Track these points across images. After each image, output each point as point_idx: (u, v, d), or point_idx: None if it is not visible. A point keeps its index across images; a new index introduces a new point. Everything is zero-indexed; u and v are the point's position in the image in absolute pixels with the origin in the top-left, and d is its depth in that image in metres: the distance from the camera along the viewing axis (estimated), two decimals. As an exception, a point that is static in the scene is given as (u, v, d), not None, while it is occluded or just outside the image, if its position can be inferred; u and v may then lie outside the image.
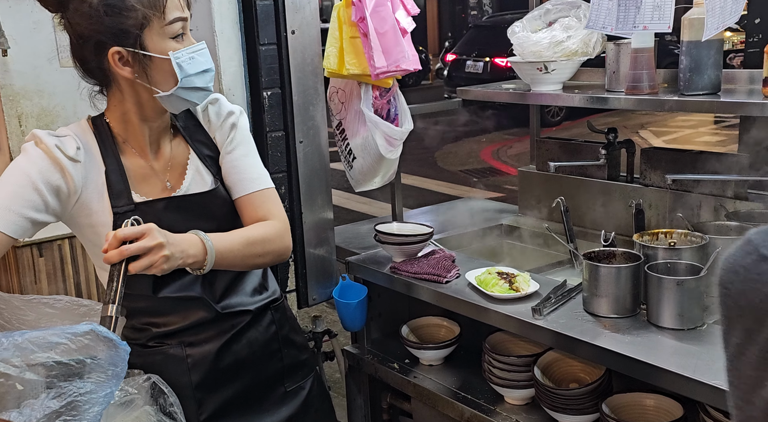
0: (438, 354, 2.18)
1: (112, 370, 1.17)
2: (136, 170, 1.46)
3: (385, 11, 2.21)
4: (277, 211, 1.53)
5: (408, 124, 2.35)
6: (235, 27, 2.14)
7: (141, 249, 1.24)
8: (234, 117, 1.55)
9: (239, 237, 1.44)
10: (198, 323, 1.52)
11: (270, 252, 1.49)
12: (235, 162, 1.53)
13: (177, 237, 1.32)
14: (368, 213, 6.22)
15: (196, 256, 1.35)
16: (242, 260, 1.46)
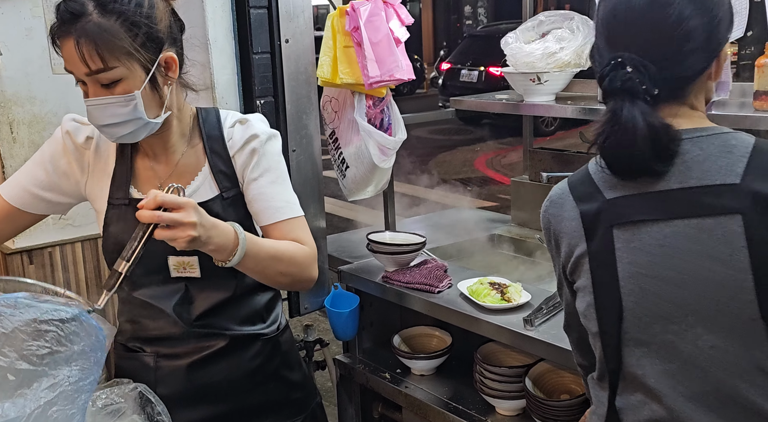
0: (429, 364, 2.18)
1: (94, 357, 1.17)
2: (142, 170, 1.51)
3: (379, 21, 2.22)
4: (308, 239, 1.48)
5: (401, 133, 2.35)
6: (229, 35, 2.14)
7: (173, 221, 1.22)
8: (257, 141, 1.48)
9: (269, 247, 1.40)
10: (169, 336, 1.50)
11: (292, 274, 1.44)
12: (262, 189, 1.47)
13: (210, 222, 1.29)
14: (361, 222, 6.21)
15: (222, 247, 1.31)
16: (263, 270, 1.41)
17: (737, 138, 1.09)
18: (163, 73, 1.38)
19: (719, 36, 1.11)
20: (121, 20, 1.30)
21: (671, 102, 1.12)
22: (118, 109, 1.33)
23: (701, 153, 1.08)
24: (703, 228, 1.06)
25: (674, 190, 1.09)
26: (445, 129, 10.69)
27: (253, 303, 1.56)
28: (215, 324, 1.51)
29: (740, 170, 1.05)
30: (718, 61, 1.13)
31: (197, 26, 2.12)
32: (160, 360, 1.51)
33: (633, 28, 1.11)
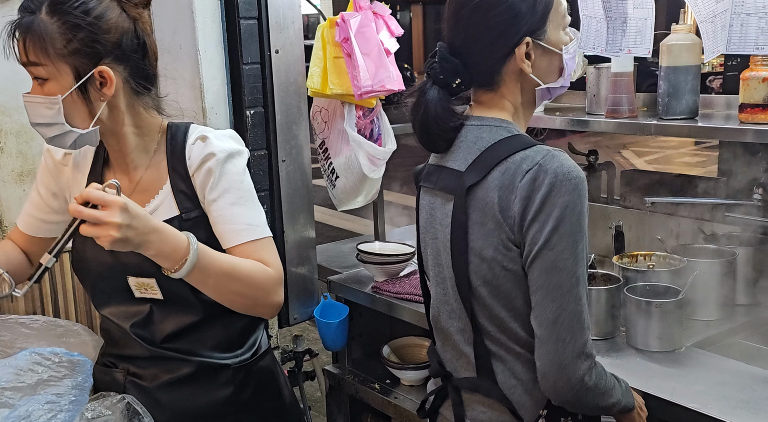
0: (419, 375, 2.18)
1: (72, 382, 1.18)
2: None
3: (369, 32, 2.23)
4: (274, 261, 1.40)
5: (391, 143, 2.36)
6: (219, 46, 2.14)
7: (93, 219, 1.18)
8: (214, 160, 1.41)
9: (224, 262, 1.34)
10: (137, 356, 1.48)
11: (251, 297, 1.37)
12: (222, 211, 1.41)
13: (149, 226, 1.23)
14: (351, 230, 6.22)
15: (165, 254, 1.25)
16: (217, 287, 1.34)
17: (492, 132, 1.24)
18: (97, 86, 1.34)
19: (517, 28, 1.22)
20: (62, 22, 1.30)
21: (481, 89, 1.29)
22: (42, 109, 1.34)
23: (465, 140, 1.27)
24: (439, 203, 1.30)
25: (443, 166, 1.30)
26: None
27: (226, 328, 1.50)
28: (182, 348, 1.47)
29: (470, 160, 1.24)
30: (520, 53, 1.23)
31: (187, 36, 2.12)
32: (130, 378, 1.48)
33: (452, 20, 1.26)
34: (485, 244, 1.20)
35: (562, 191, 1.13)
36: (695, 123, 1.93)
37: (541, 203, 1.14)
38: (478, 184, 1.21)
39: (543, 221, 1.14)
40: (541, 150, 1.18)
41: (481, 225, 1.20)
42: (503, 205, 1.17)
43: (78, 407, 1.13)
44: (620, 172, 2.49)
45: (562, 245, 1.13)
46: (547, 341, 1.16)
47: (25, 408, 1.08)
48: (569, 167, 1.15)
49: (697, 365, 1.62)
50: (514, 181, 1.17)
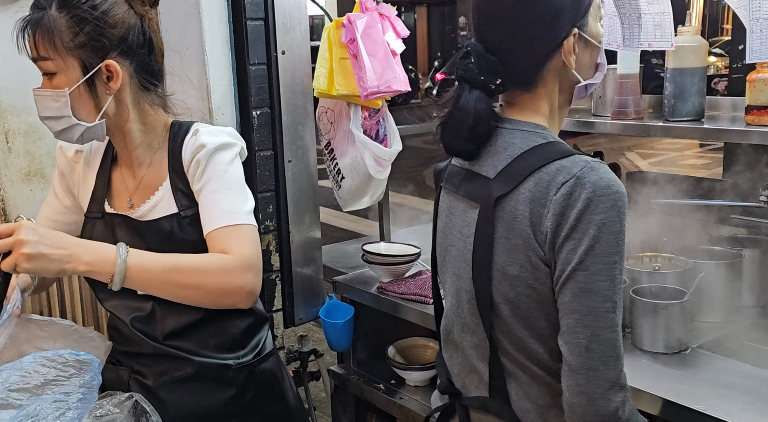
0: (424, 376, 2.18)
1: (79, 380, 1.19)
2: (116, 183, 1.52)
3: (375, 33, 2.24)
4: (238, 248, 1.34)
5: (397, 144, 2.36)
6: (226, 47, 2.15)
7: (3, 247, 1.21)
8: (203, 152, 1.42)
9: (165, 261, 1.31)
10: (140, 353, 1.49)
11: (201, 286, 1.32)
12: (205, 199, 1.41)
13: (68, 241, 1.25)
14: (356, 231, 6.22)
15: (94, 266, 1.26)
16: (162, 286, 1.32)
17: (525, 137, 1.16)
18: (104, 80, 1.37)
19: (560, 25, 1.14)
20: (69, 16, 1.34)
21: (516, 90, 1.19)
22: (50, 102, 1.37)
23: (495, 144, 1.18)
24: (459, 209, 1.24)
25: (469, 170, 1.23)
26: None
27: (228, 328, 1.50)
28: (184, 347, 1.47)
29: (500, 168, 1.15)
30: (565, 50, 1.16)
31: (194, 37, 2.13)
32: (134, 376, 1.50)
33: (483, 18, 1.18)
34: (510, 261, 1.12)
35: (600, 208, 1.04)
36: (701, 125, 1.93)
37: (576, 220, 1.05)
38: (507, 195, 1.12)
39: (577, 239, 1.05)
40: (579, 160, 1.09)
41: (507, 239, 1.12)
42: (534, 219, 1.09)
43: (86, 405, 1.14)
44: (626, 174, 2.49)
45: (597, 266, 1.04)
46: (577, 370, 1.06)
47: (33, 407, 1.09)
48: (609, 181, 1.06)
49: (703, 367, 1.62)
50: (548, 194, 1.07)
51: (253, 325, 1.56)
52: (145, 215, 1.46)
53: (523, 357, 1.17)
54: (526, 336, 1.15)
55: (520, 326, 1.15)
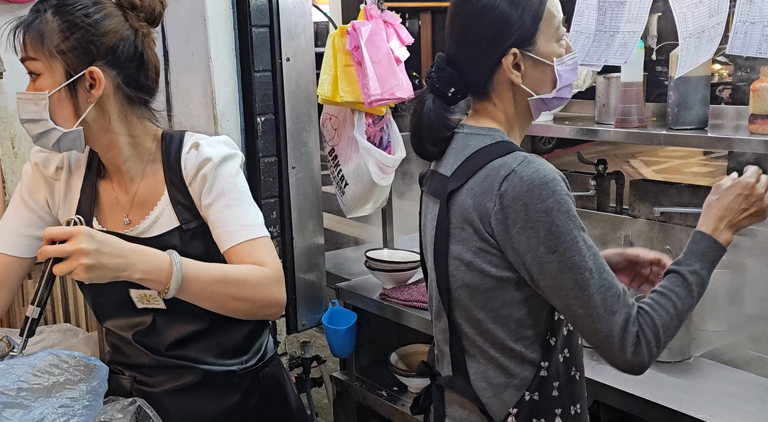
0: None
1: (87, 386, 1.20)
2: (105, 198, 1.48)
3: (379, 40, 2.25)
4: (270, 260, 1.36)
5: (400, 151, 2.37)
6: (231, 53, 2.16)
7: (60, 253, 1.15)
8: (209, 166, 1.40)
9: (215, 271, 1.30)
10: (143, 364, 1.48)
11: (249, 299, 1.32)
12: (218, 214, 1.39)
13: (126, 249, 1.21)
14: (359, 237, 6.22)
15: (150, 274, 1.22)
16: (212, 297, 1.31)
17: (479, 140, 1.27)
18: (86, 87, 1.35)
19: (504, 38, 1.24)
20: (62, 20, 1.34)
21: (476, 98, 1.31)
22: (30, 105, 1.36)
23: (455, 147, 1.30)
24: (429, 207, 1.34)
25: (435, 171, 1.33)
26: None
27: (230, 335, 1.50)
28: (187, 356, 1.46)
29: (455, 166, 1.26)
30: (507, 64, 1.24)
31: (199, 44, 2.14)
32: (136, 385, 1.49)
33: (447, 30, 1.30)
34: (464, 248, 1.23)
35: (542, 196, 1.14)
36: (705, 133, 1.94)
37: (524, 212, 1.14)
38: (459, 190, 1.23)
39: (533, 228, 1.14)
40: (518, 156, 1.19)
41: (461, 229, 1.23)
42: (482, 211, 1.19)
43: (91, 412, 1.14)
44: (629, 182, 2.49)
45: (563, 246, 1.14)
46: (588, 334, 1.16)
47: (39, 411, 1.09)
48: (544, 171, 1.15)
49: (706, 375, 1.62)
50: (492, 188, 1.18)
51: (255, 330, 1.55)
52: (145, 231, 1.43)
53: (481, 339, 1.27)
54: (484, 318, 1.25)
55: (478, 308, 1.25)
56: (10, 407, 1.10)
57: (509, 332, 1.24)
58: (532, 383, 1.25)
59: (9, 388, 1.12)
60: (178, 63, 2.22)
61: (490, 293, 1.23)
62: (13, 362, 1.18)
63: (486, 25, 1.23)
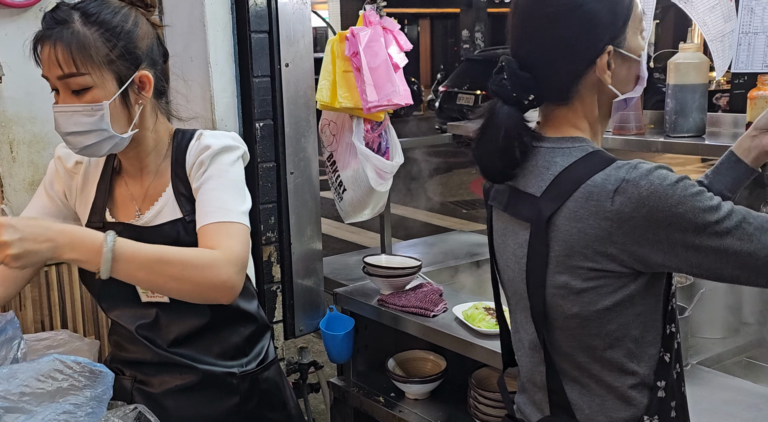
0: (424, 389, 2.18)
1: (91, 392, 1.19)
2: (119, 193, 1.53)
3: (378, 46, 2.25)
4: (226, 243, 1.34)
5: (399, 157, 2.37)
6: (230, 59, 2.16)
7: None
8: (207, 153, 1.43)
9: (153, 252, 1.29)
10: (144, 361, 1.49)
11: (191, 280, 1.29)
12: (202, 196, 1.41)
13: (52, 231, 1.23)
14: (357, 243, 6.23)
15: (80, 254, 1.23)
16: (149, 277, 1.29)
17: (566, 155, 1.14)
18: (137, 90, 1.41)
19: (599, 38, 1.13)
20: (102, 31, 1.35)
21: (552, 104, 1.18)
22: (83, 117, 1.36)
23: (537, 164, 1.17)
24: (510, 230, 1.22)
25: (515, 187, 1.20)
26: (441, 151, 10.73)
27: (232, 335, 1.52)
28: (188, 354, 1.48)
29: (545, 186, 1.13)
30: (602, 63, 1.14)
31: (199, 49, 2.14)
32: (137, 385, 1.50)
33: (519, 34, 1.17)
34: (572, 277, 1.11)
35: (666, 195, 1.03)
36: (702, 141, 1.94)
37: (653, 218, 1.04)
38: (557, 213, 1.10)
39: (674, 232, 1.04)
40: (621, 165, 1.08)
41: (567, 257, 1.10)
42: (598, 233, 1.07)
43: (94, 419, 1.14)
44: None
45: (708, 230, 1.03)
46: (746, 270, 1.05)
47: (41, 416, 1.09)
48: (652, 169, 1.06)
49: (703, 383, 1.62)
50: (603, 206, 1.06)
51: (256, 332, 1.57)
52: (150, 221, 1.47)
53: (598, 367, 1.15)
54: (599, 344, 1.14)
55: (592, 336, 1.14)
56: (12, 412, 1.10)
57: (628, 354, 1.14)
58: (650, 407, 1.15)
59: (12, 392, 1.12)
60: (177, 68, 2.22)
61: (605, 318, 1.12)
62: (17, 366, 1.18)
63: (576, 22, 1.11)
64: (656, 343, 1.15)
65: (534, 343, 1.22)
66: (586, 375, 1.17)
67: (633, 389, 1.15)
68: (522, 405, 1.30)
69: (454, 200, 8.37)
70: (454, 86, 11.55)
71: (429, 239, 3.07)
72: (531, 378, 1.27)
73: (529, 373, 1.27)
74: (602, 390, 1.16)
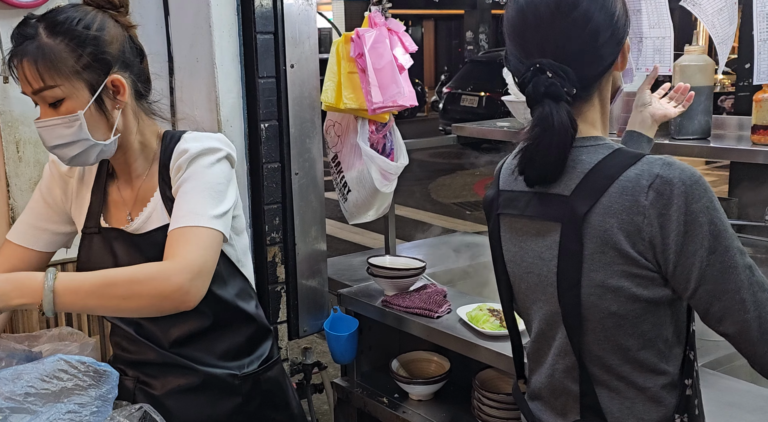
0: (427, 390, 2.18)
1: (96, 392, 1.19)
2: (112, 196, 1.53)
3: (383, 48, 2.26)
4: (181, 251, 1.31)
5: (403, 158, 2.37)
6: (235, 60, 2.17)
7: None
8: (186, 156, 1.41)
9: (97, 278, 1.28)
10: (147, 361, 1.50)
11: (140, 294, 1.27)
12: (177, 200, 1.40)
13: None
14: (361, 244, 6.23)
15: (26, 298, 1.24)
16: (100, 302, 1.28)
17: (590, 152, 1.14)
18: (112, 96, 1.39)
19: (620, 29, 1.17)
20: (66, 41, 1.34)
21: (579, 101, 1.17)
22: (63, 129, 1.35)
23: None
24: (532, 233, 1.20)
25: (535, 192, 1.19)
26: (445, 153, 10.76)
27: (234, 336, 1.52)
28: (190, 355, 1.48)
29: (574, 185, 1.13)
30: (623, 52, 1.19)
31: (204, 50, 2.15)
32: (139, 386, 1.51)
33: (544, 33, 1.14)
34: (609, 274, 1.10)
35: (696, 196, 1.05)
36: (707, 143, 1.94)
37: (684, 217, 1.05)
38: (591, 210, 1.10)
39: (696, 233, 1.05)
40: (653, 160, 1.09)
41: (602, 254, 1.10)
42: (630, 229, 1.08)
43: (99, 418, 1.15)
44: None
45: (724, 244, 1.05)
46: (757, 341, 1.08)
47: (46, 416, 1.10)
48: (690, 170, 1.07)
49: (708, 386, 1.62)
50: (638, 201, 1.07)
51: (256, 335, 1.57)
52: (140, 228, 1.46)
53: (629, 368, 1.16)
54: (633, 344, 1.14)
55: (626, 336, 1.14)
56: (18, 412, 1.11)
57: (659, 354, 1.15)
58: (678, 406, 1.16)
59: (17, 393, 1.13)
60: (183, 69, 2.23)
61: (641, 317, 1.12)
62: (21, 367, 1.19)
63: (602, 18, 1.13)
64: (681, 342, 1.17)
65: (562, 348, 1.20)
66: (616, 377, 1.17)
67: (663, 389, 1.16)
68: (537, 412, 1.29)
69: (457, 201, 8.37)
70: (458, 88, 11.55)
71: (433, 240, 3.07)
72: (550, 385, 1.25)
73: (549, 380, 1.25)
74: (632, 392, 1.16)
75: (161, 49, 2.21)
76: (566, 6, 1.13)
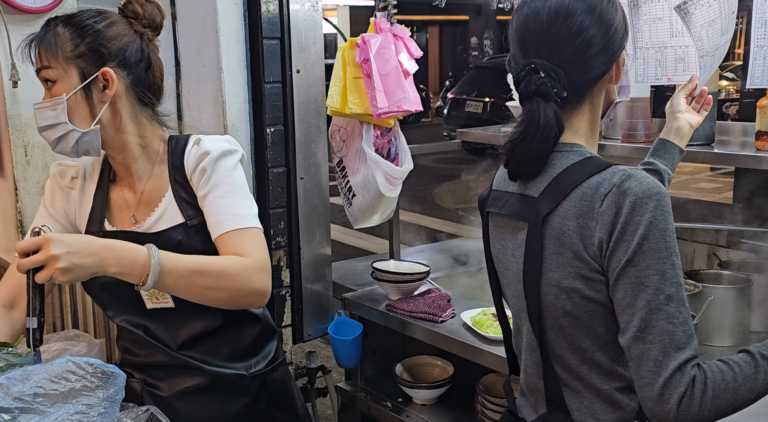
0: (431, 394, 2.18)
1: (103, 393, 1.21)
2: (116, 200, 1.55)
3: (388, 53, 2.27)
4: (252, 250, 1.39)
5: (408, 163, 2.38)
6: (242, 65, 2.18)
7: (36, 263, 1.20)
8: (208, 159, 1.45)
9: (192, 263, 1.33)
10: (155, 363, 1.51)
11: (226, 288, 1.34)
12: (211, 204, 1.44)
13: (97, 246, 1.25)
14: (366, 249, 6.23)
15: (124, 268, 1.27)
16: (189, 288, 1.34)
17: (563, 157, 1.19)
18: (101, 88, 1.43)
19: (615, 43, 1.20)
20: (72, 30, 1.42)
21: (569, 106, 1.21)
22: (49, 111, 1.42)
23: None
24: (509, 232, 1.26)
25: (512, 192, 1.26)
26: (449, 158, 10.76)
27: (240, 337, 1.54)
28: (197, 357, 1.50)
29: (543, 187, 1.19)
30: (617, 65, 1.23)
31: (211, 55, 2.16)
32: (146, 388, 1.52)
33: (541, 37, 1.19)
34: (564, 274, 1.14)
35: (644, 208, 1.07)
36: (711, 149, 1.95)
37: (624, 224, 1.08)
38: (553, 212, 1.15)
39: (627, 241, 1.08)
40: (617, 171, 1.12)
41: (559, 254, 1.15)
42: (583, 233, 1.12)
43: (106, 420, 1.16)
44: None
45: (647, 261, 1.07)
46: (640, 362, 1.08)
47: (55, 417, 1.11)
48: (649, 184, 1.09)
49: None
50: (593, 207, 1.11)
51: (263, 334, 1.59)
52: (151, 228, 1.48)
53: (586, 369, 1.19)
54: (589, 345, 1.17)
55: (582, 336, 1.17)
56: (27, 412, 1.12)
57: (615, 357, 1.17)
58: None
59: (26, 394, 1.14)
60: (190, 74, 2.25)
61: (594, 319, 1.15)
62: (30, 368, 1.20)
63: (599, 26, 1.17)
64: None
65: (530, 344, 1.25)
66: (575, 377, 1.21)
67: (621, 392, 1.19)
68: (522, 407, 1.34)
69: (462, 206, 8.37)
70: (463, 93, 11.56)
71: (437, 245, 3.08)
72: (527, 381, 1.30)
73: (526, 375, 1.30)
74: (590, 393, 1.20)
75: (168, 54, 2.23)
76: (564, 13, 1.17)
